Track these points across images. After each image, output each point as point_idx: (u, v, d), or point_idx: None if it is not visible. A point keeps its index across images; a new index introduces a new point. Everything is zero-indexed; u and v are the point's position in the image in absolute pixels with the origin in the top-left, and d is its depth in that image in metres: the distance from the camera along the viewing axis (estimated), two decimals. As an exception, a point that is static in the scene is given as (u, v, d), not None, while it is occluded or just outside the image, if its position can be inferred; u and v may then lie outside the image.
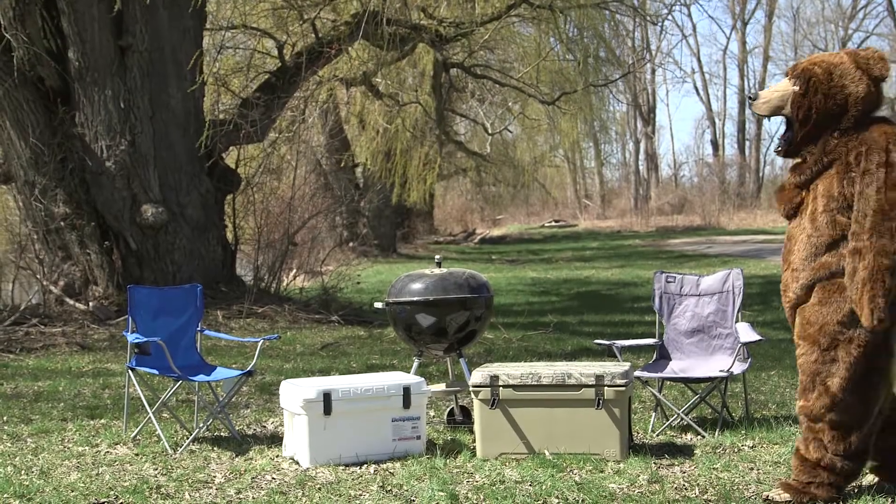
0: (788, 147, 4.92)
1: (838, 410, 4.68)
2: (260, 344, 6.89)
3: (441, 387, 6.85)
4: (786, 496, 4.80)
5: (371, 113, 23.38)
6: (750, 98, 5.07)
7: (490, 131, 22.39)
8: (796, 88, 4.84)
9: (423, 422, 6.13)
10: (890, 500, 4.82)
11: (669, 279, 7.10)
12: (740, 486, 5.16)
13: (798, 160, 4.90)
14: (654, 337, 7.14)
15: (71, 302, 12.76)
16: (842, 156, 4.71)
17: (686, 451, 6.00)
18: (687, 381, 6.87)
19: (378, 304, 6.86)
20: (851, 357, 4.65)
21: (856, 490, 4.96)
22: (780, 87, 4.93)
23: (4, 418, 7.40)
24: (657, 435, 6.49)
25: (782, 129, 4.99)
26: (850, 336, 4.65)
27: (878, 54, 4.82)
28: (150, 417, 6.50)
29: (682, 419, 6.63)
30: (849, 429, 4.70)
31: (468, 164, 33.48)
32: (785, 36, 59.70)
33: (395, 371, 7.91)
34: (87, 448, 6.46)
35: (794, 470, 4.85)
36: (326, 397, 5.90)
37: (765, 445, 6.07)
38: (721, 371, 6.42)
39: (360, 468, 5.78)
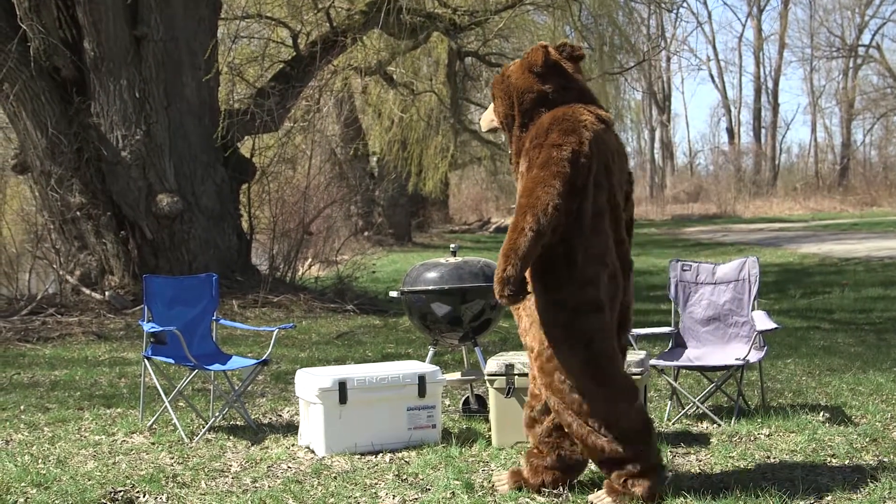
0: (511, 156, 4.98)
1: (586, 399, 4.63)
2: (275, 333, 6.90)
3: (456, 375, 6.84)
4: (608, 500, 4.71)
5: (386, 102, 23.34)
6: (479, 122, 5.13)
7: (505, 120, 22.26)
8: None
9: (439, 411, 6.14)
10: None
11: (685, 267, 7.07)
12: (756, 475, 5.14)
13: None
14: (669, 325, 7.13)
15: (87, 291, 12.80)
16: (525, 149, 4.72)
17: (702, 440, 5.98)
18: (703, 369, 6.85)
19: (393, 294, 6.86)
20: (573, 343, 4.62)
21: (870, 479, 4.95)
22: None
23: (21, 407, 7.44)
24: (673, 423, 6.48)
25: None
26: (565, 322, 4.65)
27: (536, 45, 4.84)
28: (165, 406, 6.51)
29: (697, 408, 6.62)
30: (605, 413, 4.64)
31: (483, 152, 33.37)
32: (801, 23, 59.43)
33: (410, 360, 7.91)
34: (103, 437, 6.48)
35: (605, 472, 4.76)
36: (342, 386, 5.91)
37: (781, 434, 6.05)
38: (737, 359, 6.40)
39: (376, 457, 5.78)
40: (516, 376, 5.94)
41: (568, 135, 4.58)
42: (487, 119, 5.04)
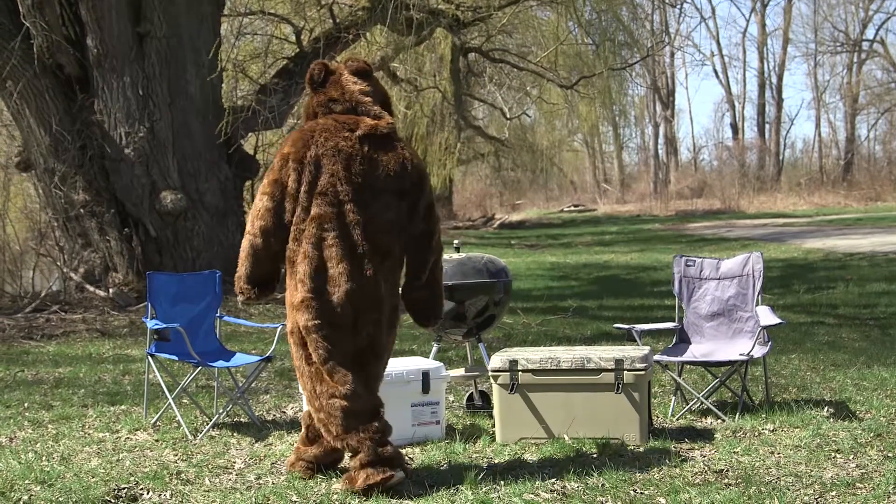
0: None
1: (308, 391, 4.94)
2: (279, 329, 6.88)
3: (460, 372, 6.84)
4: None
5: (389, 98, 23.34)
6: None
7: (508, 116, 22.33)
8: None
9: (443, 407, 6.13)
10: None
11: (689, 263, 7.07)
12: (760, 470, 5.13)
13: None
14: (673, 321, 7.12)
15: (91, 289, 12.82)
16: None
17: (706, 436, 5.98)
18: (707, 364, 6.85)
19: (396, 290, 6.84)
20: (293, 343, 5.03)
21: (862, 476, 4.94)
22: None
23: (25, 404, 7.44)
24: (677, 419, 6.47)
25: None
26: (292, 320, 5.05)
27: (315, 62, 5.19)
28: (169, 403, 6.52)
29: (702, 403, 6.61)
30: (325, 405, 4.87)
31: (487, 148, 33.39)
32: (805, 18, 59.28)
33: (414, 356, 7.90)
34: (107, 434, 6.48)
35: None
36: (345, 383, 5.89)
37: (785, 429, 6.04)
38: (741, 355, 6.39)
39: (380, 453, 5.77)
40: (520, 372, 5.94)
41: (292, 145, 4.93)
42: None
